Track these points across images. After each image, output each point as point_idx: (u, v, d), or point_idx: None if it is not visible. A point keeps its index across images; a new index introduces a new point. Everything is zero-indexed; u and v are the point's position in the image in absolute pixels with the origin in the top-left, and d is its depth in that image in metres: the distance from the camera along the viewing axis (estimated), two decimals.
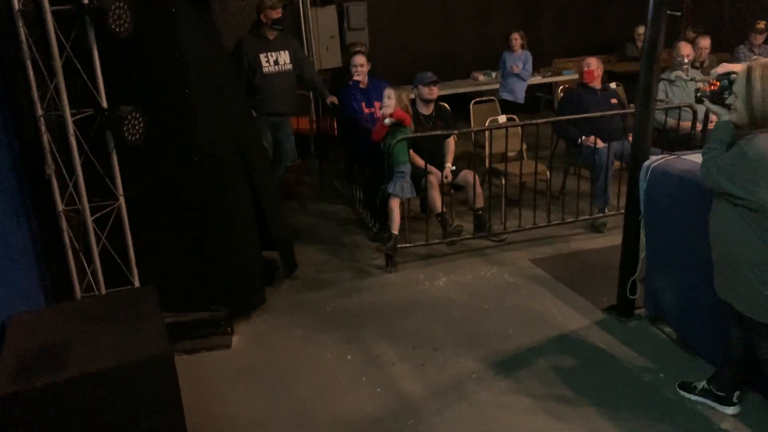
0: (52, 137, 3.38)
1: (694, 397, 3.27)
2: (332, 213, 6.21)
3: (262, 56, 5.58)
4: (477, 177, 5.22)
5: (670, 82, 5.97)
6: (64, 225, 3.48)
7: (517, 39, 7.54)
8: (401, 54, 8.04)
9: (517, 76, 7.48)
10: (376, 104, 5.51)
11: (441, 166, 5.24)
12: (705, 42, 6.77)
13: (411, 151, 5.13)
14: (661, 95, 5.74)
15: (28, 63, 3.22)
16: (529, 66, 7.58)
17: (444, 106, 5.67)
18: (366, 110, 5.53)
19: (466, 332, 4.02)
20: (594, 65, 5.76)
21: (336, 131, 6.51)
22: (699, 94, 2.97)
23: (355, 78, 5.52)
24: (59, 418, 2.29)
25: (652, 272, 3.84)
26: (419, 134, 5.07)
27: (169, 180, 3.88)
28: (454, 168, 5.30)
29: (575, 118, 5.41)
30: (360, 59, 5.61)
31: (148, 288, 3.01)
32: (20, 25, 3.16)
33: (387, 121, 4.89)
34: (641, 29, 6.86)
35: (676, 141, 5.33)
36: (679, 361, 3.61)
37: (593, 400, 3.31)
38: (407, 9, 8.76)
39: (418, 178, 5.09)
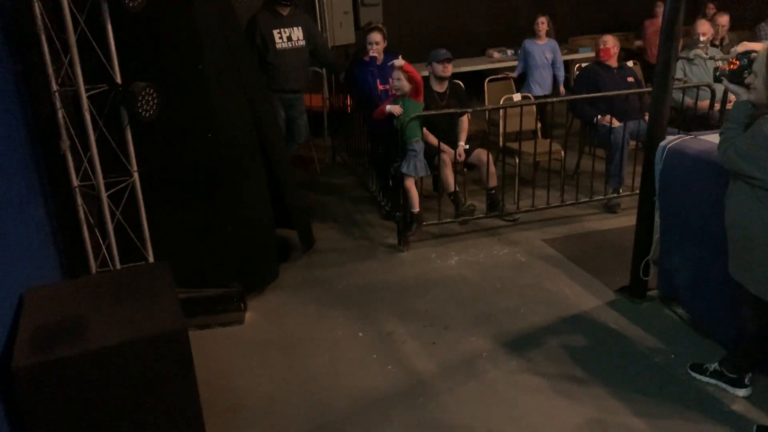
0: (66, 113, 3.39)
1: (705, 379, 3.27)
2: (344, 190, 6.21)
3: (275, 32, 5.55)
4: (491, 156, 5.19)
5: (689, 60, 5.87)
6: (79, 200, 3.51)
7: (543, 23, 6.64)
8: (415, 30, 7.95)
9: (548, 66, 6.64)
10: (391, 81, 5.47)
11: (454, 145, 5.21)
12: (723, 19, 6.64)
13: (424, 129, 5.10)
14: (679, 74, 5.65)
15: (43, 38, 3.22)
16: (559, 56, 6.74)
17: (458, 84, 5.63)
18: (380, 87, 5.49)
19: (477, 311, 4.03)
20: (610, 43, 5.68)
21: (349, 108, 6.49)
22: (718, 73, 2.93)
23: (372, 54, 5.47)
24: (75, 391, 2.32)
25: (665, 253, 3.82)
26: (433, 112, 5.04)
27: (183, 156, 3.89)
28: (467, 147, 5.27)
29: (591, 96, 5.35)
30: (376, 36, 5.55)
31: (162, 263, 3.03)
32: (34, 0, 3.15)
33: (388, 108, 4.88)
34: (661, 6, 6.75)
35: (694, 120, 5.26)
36: (691, 343, 3.60)
37: (604, 380, 3.32)
38: None
39: (431, 156, 5.07)
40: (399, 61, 4.85)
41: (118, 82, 3.38)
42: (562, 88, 6.71)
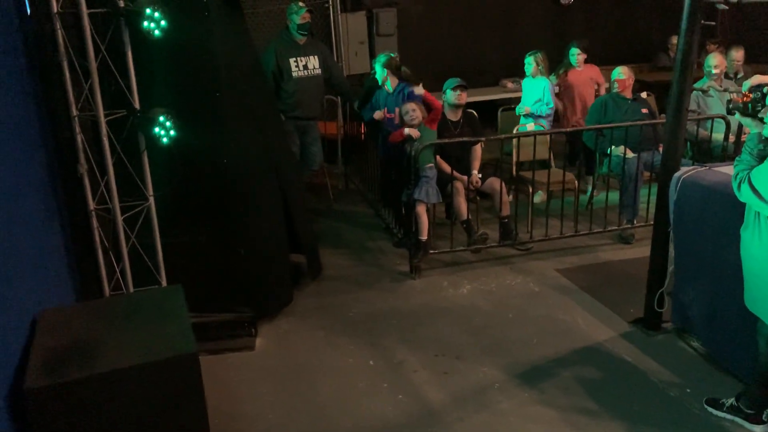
0: (85, 137, 3.44)
1: (722, 414, 3.21)
2: (357, 217, 6.23)
3: (291, 60, 5.64)
4: (504, 185, 5.19)
5: (703, 92, 5.88)
6: (95, 223, 3.54)
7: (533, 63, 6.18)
8: (430, 60, 8.02)
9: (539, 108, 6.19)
10: (396, 110, 5.54)
11: (467, 173, 5.22)
12: (738, 54, 6.65)
13: (438, 157, 5.13)
14: (693, 106, 5.65)
15: (65, 64, 3.29)
16: (548, 97, 6.16)
17: (472, 113, 5.66)
18: (387, 115, 5.55)
19: (489, 341, 4.00)
20: (626, 74, 5.70)
21: (363, 136, 6.53)
22: (731, 106, 2.93)
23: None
24: (86, 412, 2.32)
25: (680, 285, 3.78)
26: (446, 140, 5.07)
27: (198, 181, 3.92)
28: (480, 175, 5.28)
29: (605, 127, 5.36)
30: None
31: (174, 288, 3.05)
32: (58, 26, 3.23)
33: (407, 131, 4.92)
34: (675, 39, 6.77)
35: (708, 152, 5.25)
36: (707, 377, 3.54)
37: (618, 414, 3.26)
38: (436, 15, 8.75)
39: (444, 184, 5.09)
40: (419, 90, 4.90)
41: (137, 108, 3.43)
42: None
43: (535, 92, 6.24)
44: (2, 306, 2.41)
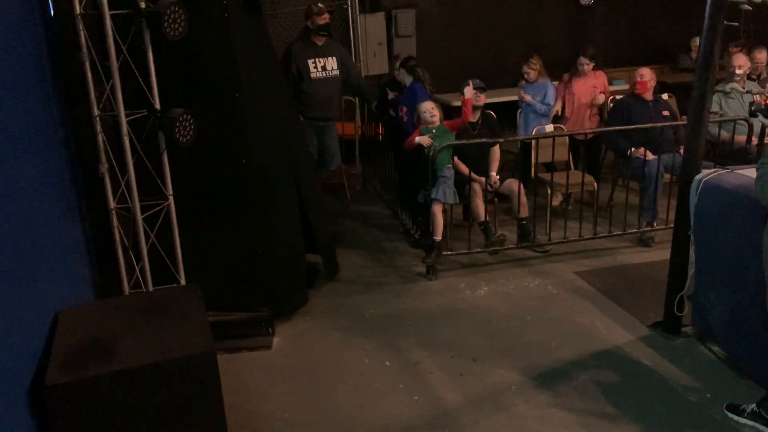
0: (106, 137, 3.48)
1: (742, 420, 3.16)
2: (374, 218, 6.23)
3: (310, 62, 5.66)
4: (522, 186, 5.17)
5: (725, 94, 5.80)
6: (115, 222, 3.58)
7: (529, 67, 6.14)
8: (449, 61, 8.00)
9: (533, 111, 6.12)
10: (403, 108, 5.56)
11: (485, 174, 5.21)
12: (762, 55, 6.55)
13: (455, 158, 5.12)
14: (715, 107, 5.58)
15: (87, 64, 3.34)
16: (550, 98, 6.10)
17: (490, 113, 5.64)
18: (404, 116, 5.57)
19: (506, 343, 3.98)
20: (647, 76, 5.65)
21: (380, 137, 6.55)
22: (753, 108, 2.89)
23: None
24: (104, 409, 2.35)
25: (701, 289, 3.73)
26: (464, 141, 5.06)
27: (217, 181, 3.95)
28: (498, 176, 5.26)
29: (625, 129, 5.31)
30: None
31: (193, 286, 3.07)
32: (80, 27, 3.27)
33: (417, 139, 4.91)
34: (697, 40, 6.69)
35: (730, 155, 5.18)
36: (728, 382, 3.49)
37: (636, 418, 3.23)
38: (455, 16, 8.73)
39: (462, 185, 5.07)
40: (469, 91, 4.88)
41: (157, 108, 3.47)
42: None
43: (537, 94, 6.14)
44: (25, 304, 2.44)
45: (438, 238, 4.88)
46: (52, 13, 3.29)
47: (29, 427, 2.28)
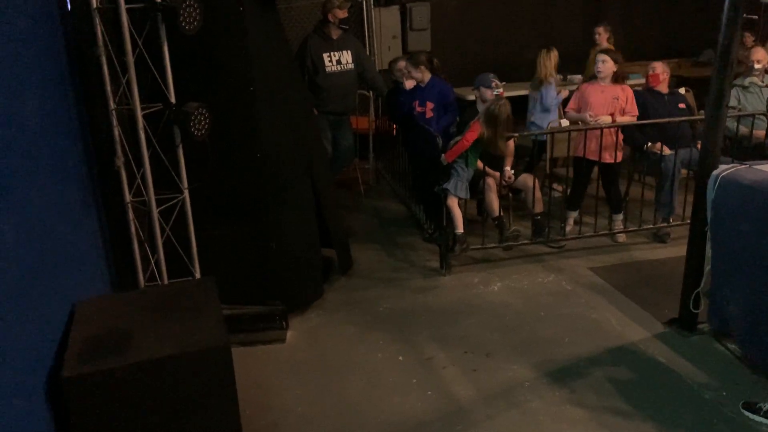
0: (122, 130, 3.51)
1: (758, 419, 3.13)
2: (388, 213, 6.23)
3: (325, 55, 5.66)
4: (537, 181, 5.14)
5: (744, 88, 5.73)
6: (131, 215, 3.61)
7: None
8: (464, 55, 7.97)
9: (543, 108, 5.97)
10: (428, 104, 5.53)
11: (499, 169, 5.18)
12: None
13: None
14: (733, 102, 5.52)
15: (103, 59, 3.36)
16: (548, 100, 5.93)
17: None
18: (418, 109, 5.55)
19: (520, 339, 3.97)
20: (659, 69, 5.58)
21: (395, 131, 6.54)
22: None
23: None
24: (120, 400, 2.37)
25: (717, 286, 3.70)
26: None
27: (231, 175, 3.97)
28: (512, 171, 5.24)
29: (641, 123, 5.26)
30: (401, 64, 5.72)
31: (208, 279, 3.09)
32: (97, 22, 3.29)
33: (442, 158, 4.82)
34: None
35: (749, 150, 5.11)
36: (744, 379, 3.46)
37: (650, 415, 3.21)
38: (470, 10, 8.69)
39: (476, 179, 5.05)
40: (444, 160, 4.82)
41: (173, 101, 3.48)
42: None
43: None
44: (43, 296, 2.47)
45: (460, 230, 4.87)
46: (69, 7, 3.31)
47: (47, 418, 2.31)
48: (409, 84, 5.63)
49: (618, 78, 5.22)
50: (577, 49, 7.49)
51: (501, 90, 5.12)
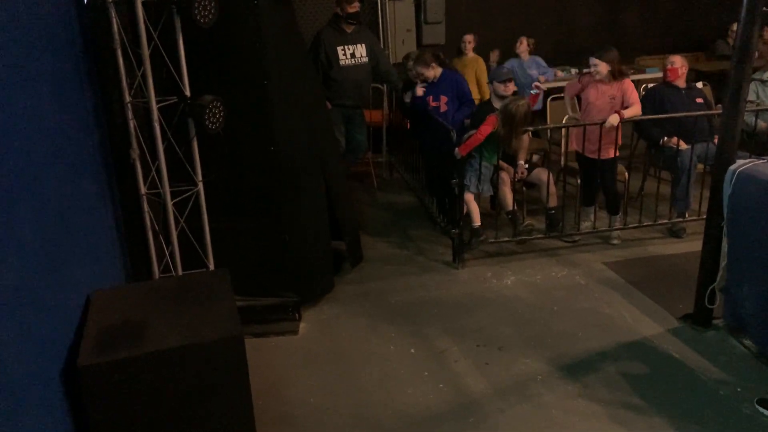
0: (137, 123, 3.53)
1: None
2: (401, 206, 6.23)
3: (339, 49, 5.66)
4: (551, 175, 5.12)
5: (763, 82, 5.66)
6: (146, 207, 3.64)
7: (522, 43, 6.96)
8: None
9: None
10: (442, 98, 5.52)
11: (513, 163, 5.16)
12: None
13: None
14: (751, 96, 5.45)
15: (119, 52, 3.38)
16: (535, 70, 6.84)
17: None
18: (432, 104, 5.54)
19: (533, 333, 3.96)
20: (678, 63, 5.52)
21: (408, 125, 6.53)
22: None
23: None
24: (135, 390, 2.40)
25: (733, 281, 3.67)
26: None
27: (245, 168, 3.99)
28: (527, 165, 5.21)
29: (658, 117, 5.21)
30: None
31: (222, 271, 3.11)
32: (112, 15, 3.32)
33: (456, 151, 4.78)
34: (735, 26, 6.52)
35: (766, 145, 5.05)
36: (759, 376, 3.44)
37: (664, 411, 3.20)
38: (486, 3, 8.64)
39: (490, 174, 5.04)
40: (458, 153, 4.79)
41: (187, 94, 3.50)
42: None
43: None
44: (59, 286, 2.50)
45: (477, 223, 4.87)
46: (85, 1, 3.34)
47: (62, 407, 2.34)
48: (420, 91, 5.62)
49: (617, 74, 4.96)
50: (596, 42, 7.41)
51: (539, 91, 5.15)
